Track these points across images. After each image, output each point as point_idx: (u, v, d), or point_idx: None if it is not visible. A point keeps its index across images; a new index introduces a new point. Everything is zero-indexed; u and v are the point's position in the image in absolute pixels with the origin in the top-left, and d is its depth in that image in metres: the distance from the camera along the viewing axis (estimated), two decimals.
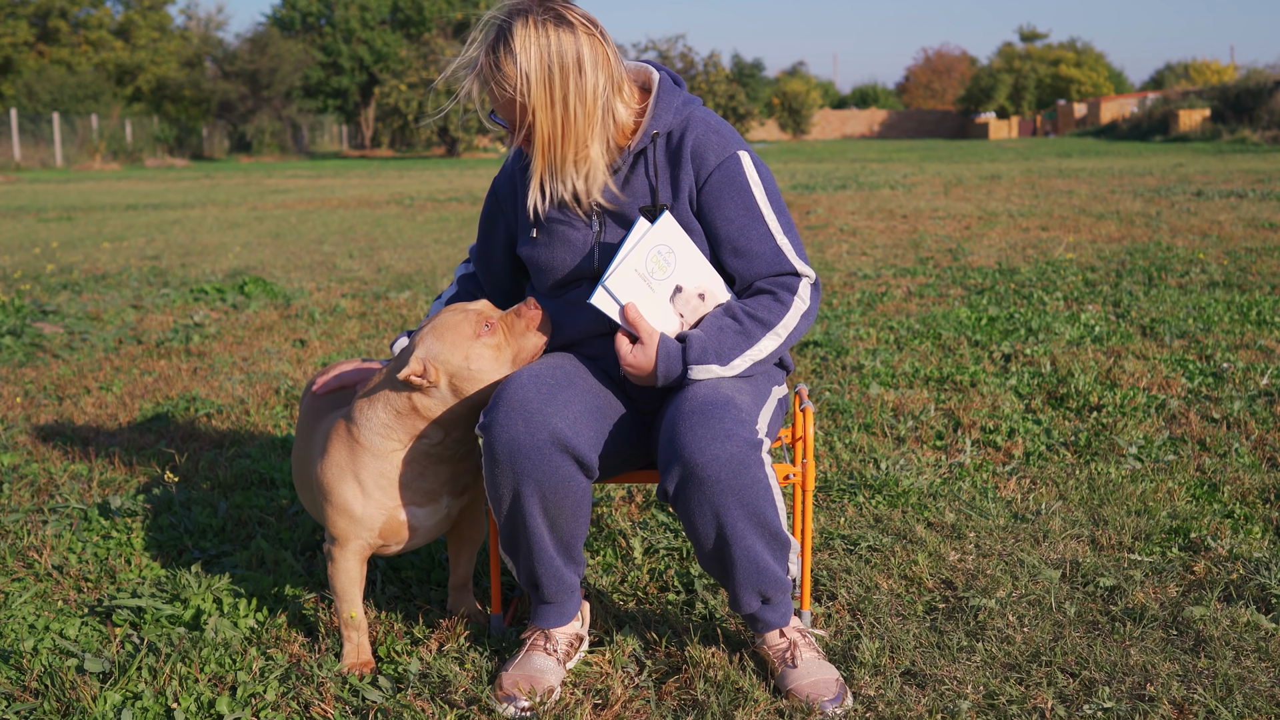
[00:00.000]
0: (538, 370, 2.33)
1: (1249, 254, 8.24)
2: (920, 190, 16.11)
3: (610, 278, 2.31)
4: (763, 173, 2.45)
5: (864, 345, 5.48)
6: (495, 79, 2.29)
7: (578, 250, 2.46)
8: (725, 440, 2.18)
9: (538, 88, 2.27)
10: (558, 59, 2.27)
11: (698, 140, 2.42)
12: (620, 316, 2.33)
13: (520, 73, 2.26)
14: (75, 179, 27.68)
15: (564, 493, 2.26)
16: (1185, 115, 38.12)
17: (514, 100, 2.30)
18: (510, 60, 2.26)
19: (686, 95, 2.47)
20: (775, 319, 2.39)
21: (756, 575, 2.29)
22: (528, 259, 2.54)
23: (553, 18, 2.28)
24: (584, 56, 2.29)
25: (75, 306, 7.26)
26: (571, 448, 2.23)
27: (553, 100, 2.29)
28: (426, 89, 40.41)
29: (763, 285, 2.42)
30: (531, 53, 2.26)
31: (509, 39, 2.27)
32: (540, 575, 2.38)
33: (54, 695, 2.31)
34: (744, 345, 2.36)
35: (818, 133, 65.20)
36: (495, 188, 2.63)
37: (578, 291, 2.49)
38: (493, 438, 2.25)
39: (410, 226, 12.75)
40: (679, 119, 2.43)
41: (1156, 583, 2.80)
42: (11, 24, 42.94)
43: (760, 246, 2.41)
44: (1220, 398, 4.37)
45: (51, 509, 3.46)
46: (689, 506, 2.23)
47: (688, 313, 2.40)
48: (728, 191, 2.41)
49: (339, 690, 2.35)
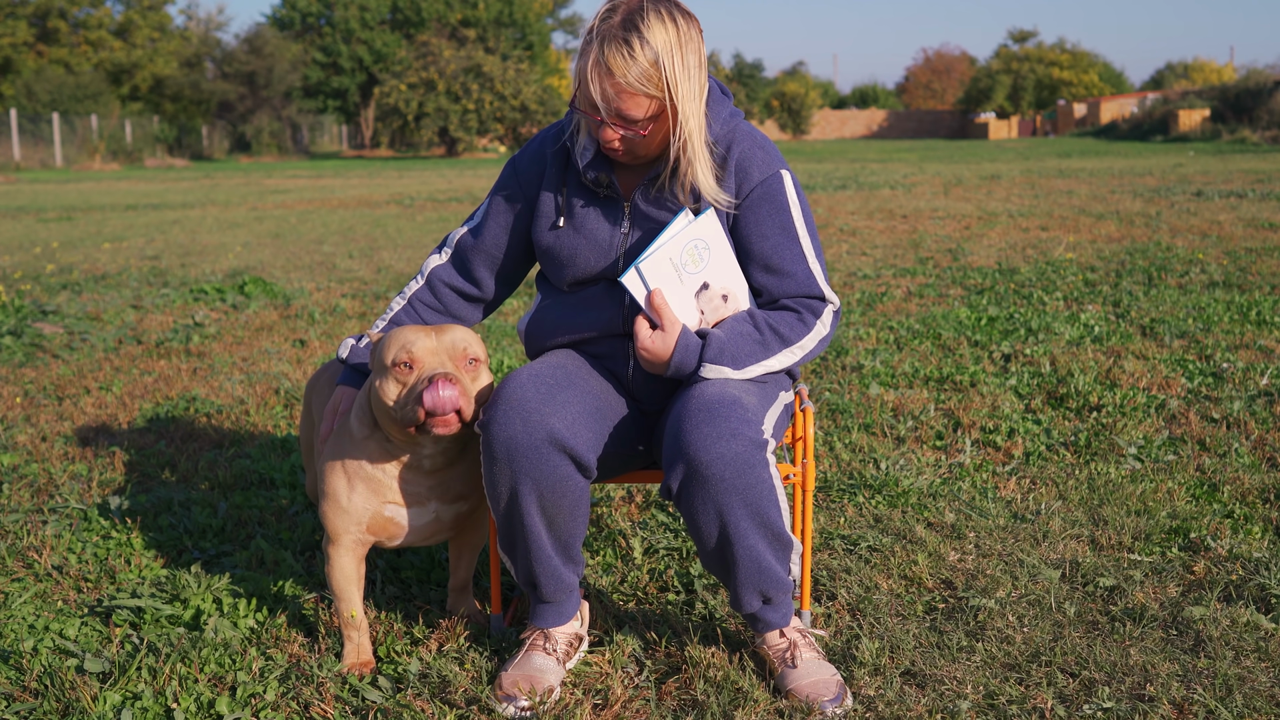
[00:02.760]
0: (537, 370, 2.33)
1: (1249, 254, 8.24)
2: (920, 190, 16.11)
3: (645, 260, 2.33)
4: (800, 195, 2.46)
5: (864, 345, 5.48)
6: (626, 70, 2.20)
7: (603, 250, 2.44)
8: (731, 439, 2.18)
9: (675, 81, 2.23)
10: (690, 53, 2.25)
11: (743, 154, 2.41)
12: (645, 300, 2.34)
13: (660, 65, 2.21)
14: (75, 179, 27.68)
15: (561, 492, 2.26)
16: (1185, 115, 38.12)
17: (642, 94, 2.23)
18: (646, 51, 2.20)
19: (733, 107, 2.46)
20: (795, 338, 2.40)
21: (758, 575, 2.29)
22: (548, 249, 2.50)
23: (676, 8, 2.25)
24: (703, 48, 2.29)
25: (75, 307, 7.26)
26: (569, 447, 2.23)
27: (687, 93, 2.25)
28: (427, 90, 40.43)
29: (789, 303, 2.43)
30: (671, 45, 2.22)
31: (641, 29, 2.20)
32: (538, 574, 2.38)
33: (54, 695, 2.31)
34: (760, 355, 2.37)
35: (817, 133, 65.21)
36: (518, 166, 2.55)
37: (595, 289, 2.48)
38: (490, 436, 2.24)
39: (410, 227, 12.75)
40: (726, 130, 2.42)
41: (1156, 583, 2.80)
42: (11, 24, 42.92)
43: (793, 267, 2.43)
44: (1220, 398, 4.37)
45: (51, 509, 3.46)
46: (692, 504, 2.23)
47: (709, 311, 2.41)
48: (767, 209, 2.42)
49: (339, 690, 2.35)
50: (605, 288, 2.47)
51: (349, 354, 2.58)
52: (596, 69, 2.23)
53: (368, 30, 52.01)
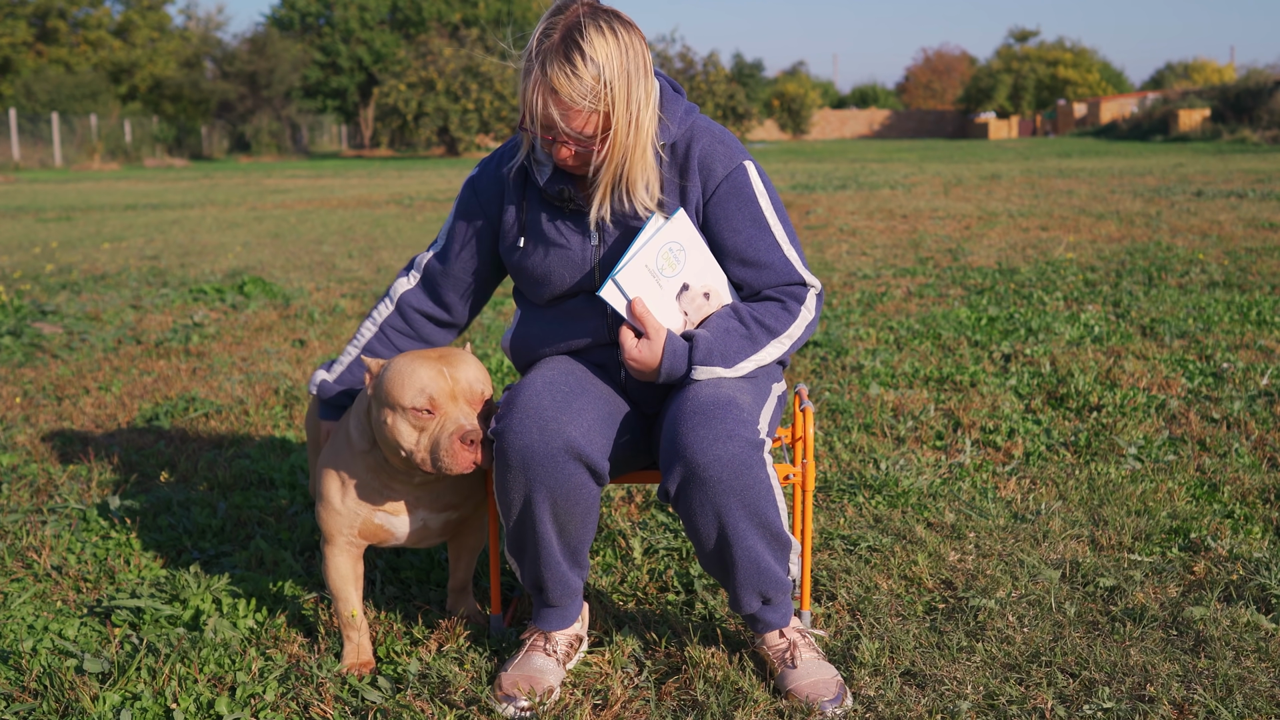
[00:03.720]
0: (551, 377, 2.32)
1: (1249, 254, 8.24)
2: (920, 190, 16.11)
3: (620, 272, 2.31)
4: (766, 183, 2.45)
5: (864, 345, 5.48)
6: (571, 89, 2.19)
7: (576, 264, 2.43)
8: (727, 441, 2.18)
9: (620, 94, 2.21)
10: (632, 63, 2.22)
11: (704, 151, 2.40)
12: (627, 311, 2.33)
13: (603, 80, 2.19)
14: (74, 179, 27.68)
15: (575, 499, 2.26)
16: (1185, 115, 38.12)
17: (590, 110, 2.22)
18: (589, 67, 2.18)
19: (688, 104, 2.44)
20: (782, 327, 2.40)
21: (757, 576, 2.29)
22: (518, 268, 2.50)
23: (616, 20, 2.23)
24: (647, 56, 2.26)
25: (74, 307, 7.26)
26: (585, 456, 2.23)
27: (629, 106, 2.23)
28: (426, 89, 40.43)
29: (771, 294, 2.43)
30: (613, 58, 2.19)
31: (582, 45, 2.18)
32: (546, 579, 2.38)
33: (53, 696, 2.31)
34: (749, 350, 2.37)
35: (817, 133, 65.20)
36: (476, 186, 2.53)
37: (575, 302, 2.48)
38: (506, 444, 2.23)
39: (410, 226, 12.75)
40: (683, 129, 2.41)
41: (1156, 583, 2.80)
42: (10, 24, 42.92)
43: (769, 257, 2.42)
44: (1220, 398, 4.37)
45: (51, 509, 3.46)
46: (690, 506, 2.23)
47: (692, 311, 2.40)
48: (735, 203, 2.41)
49: (338, 690, 2.35)
50: (585, 299, 2.46)
51: (320, 390, 2.60)
52: (541, 90, 2.21)
53: (367, 30, 52.02)
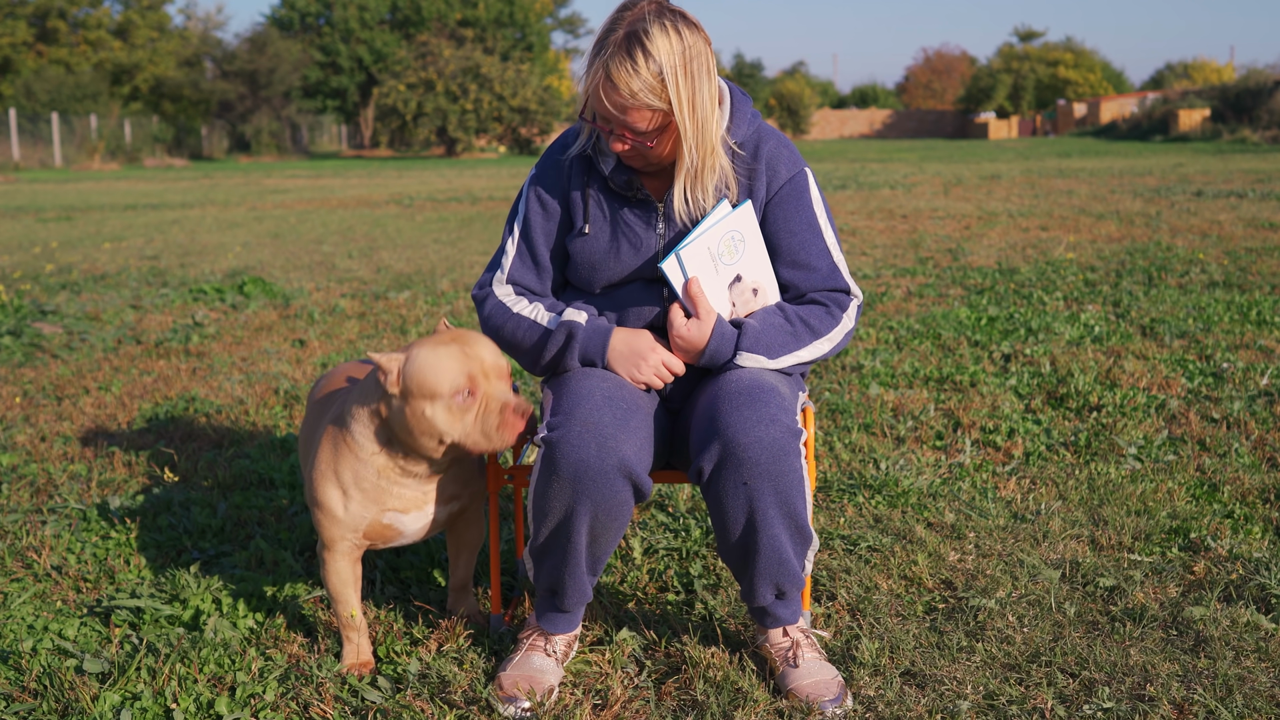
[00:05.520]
0: (610, 392, 2.31)
1: (1249, 254, 8.24)
2: (920, 190, 16.11)
3: (685, 248, 2.35)
4: (821, 192, 2.53)
5: (864, 345, 5.48)
6: (630, 83, 2.22)
7: (643, 252, 2.46)
8: (770, 425, 2.20)
9: (681, 93, 2.24)
10: (695, 63, 2.26)
11: (771, 152, 2.47)
12: (682, 288, 2.36)
13: (663, 77, 2.23)
14: (74, 179, 27.68)
15: (615, 515, 2.26)
16: (1185, 115, 38.11)
17: (647, 106, 2.25)
18: (650, 64, 2.22)
19: (754, 109, 2.51)
20: (825, 330, 2.45)
21: (777, 566, 2.30)
22: (580, 253, 2.50)
23: (681, 20, 2.27)
24: (710, 58, 2.31)
25: (74, 307, 7.26)
26: (634, 474, 2.23)
27: (690, 105, 2.27)
28: (426, 90, 40.42)
29: (817, 297, 2.48)
30: (675, 56, 2.23)
31: (645, 42, 2.22)
32: (567, 585, 2.37)
33: (53, 696, 2.31)
34: (792, 346, 2.41)
35: (817, 133, 65.21)
36: (542, 183, 2.53)
37: (628, 289, 2.49)
38: (559, 454, 2.21)
39: (409, 227, 12.75)
40: (752, 130, 2.48)
41: (1156, 583, 2.80)
42: (10, 24, 42.91)
43: (819, 261, 2.48)
44: (1220, 398, 4.37)
45: (50, 509, 3.46)
46: (722, 487, 2.24)
47: (739, 303, 2.45)
48: (794, 206, 2.47)
49: (338, 690, 2.35)
50: (641, 286, 2.49)
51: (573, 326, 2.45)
52: (601, 83, 2.25)
53: (367, 30, 52.01)
